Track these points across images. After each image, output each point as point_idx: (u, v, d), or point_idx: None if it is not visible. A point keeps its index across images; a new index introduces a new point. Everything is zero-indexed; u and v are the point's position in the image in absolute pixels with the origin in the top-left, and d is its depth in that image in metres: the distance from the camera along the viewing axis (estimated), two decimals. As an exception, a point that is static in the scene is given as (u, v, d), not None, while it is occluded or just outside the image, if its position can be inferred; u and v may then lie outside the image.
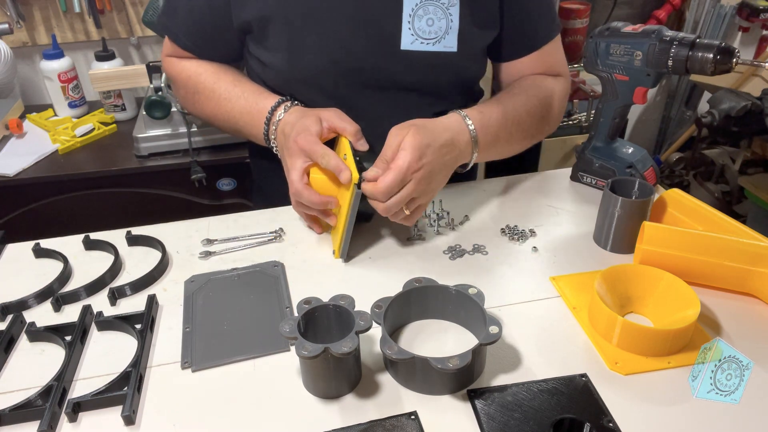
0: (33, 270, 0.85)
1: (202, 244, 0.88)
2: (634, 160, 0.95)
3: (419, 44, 0.88)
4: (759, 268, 0.72)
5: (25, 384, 0.66)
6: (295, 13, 0.86)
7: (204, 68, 0.97)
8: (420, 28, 0.87)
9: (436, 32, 0.87)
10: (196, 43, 0.96)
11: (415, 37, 0.87)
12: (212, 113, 0.97)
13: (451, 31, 0.88)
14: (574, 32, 2.06)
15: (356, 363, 0.64)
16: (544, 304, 0.76)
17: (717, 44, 0.79)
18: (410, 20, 0.86)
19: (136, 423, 0.61)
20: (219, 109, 0.95)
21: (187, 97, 1.01)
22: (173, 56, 1.00)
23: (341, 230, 0.81)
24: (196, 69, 0.97)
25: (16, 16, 1.68)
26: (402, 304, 0.70)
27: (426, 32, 0.87)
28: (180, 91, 1.02)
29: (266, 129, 0.90)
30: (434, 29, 0.87)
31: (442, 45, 0.88)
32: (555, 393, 0.63)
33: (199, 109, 0.99)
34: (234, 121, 0.94)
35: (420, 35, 0.87)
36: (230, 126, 0.96)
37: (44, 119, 1.67)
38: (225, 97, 0.94)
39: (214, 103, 0.95)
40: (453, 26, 0.88)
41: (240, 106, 0.92)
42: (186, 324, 0.73)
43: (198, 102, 0.98)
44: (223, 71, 0.97)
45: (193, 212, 1.55)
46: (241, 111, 0.92)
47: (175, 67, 1.00)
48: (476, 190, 1.00)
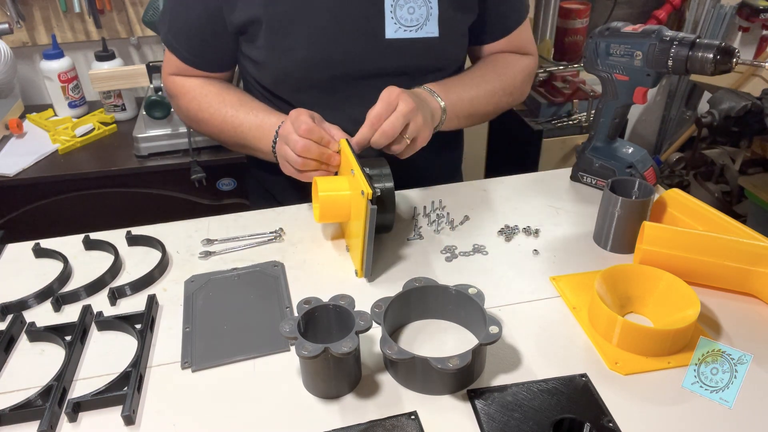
0: (33, 270, 0.85)
1: (202, 244, 0.88)
2: (634, 160, 0.95)
3: (402, 32, 0.92)
4: (759, 268, 0.72)
5: (25, 384, 0.66)
6: (281, 12, 0.89)
7: (208, 89, 0.99)
8: (402, 16, 0.91)
9: (418, 19, 0.92)
10: (196, 55, 0.98)
11: (398, 26, 0.92)
12: (218, 130, 0.99)
13: (432, 18, 0.92)
14: (574, 32, 2.06)
15: (356, 363, 0.64)
16: (544, 304, 0.76)
17: (717, 44, 0.79)
18: (392, 10, 0.91)
19: (136, 423, 0.61)
20: (225, 126, 0.97)
21: (190, 116, 1.02)
22: (176, 75, 1.02)
23: (361, 248, 0.77)
24: (200, 89, 0.99)
25: (16, 16, 1.68)
26: (402, 304, 0.70)
27: (408, 20, 0.91)
28: (183, 110, 1.03)
29: (275, 141, 0.91)
30: (415, 17, 0.91)
31: (424, 31, 0.93)
32: (555, 393, 0.63)
33: (204, 126, 1.01)
34: (242, 136, 0.96)
35: (402, 23, 0.91)
36: (236, 141, 0.98)
37: (44, 119, 1.67)
38: (232, 114, 0.96)
39: (219, 119, 0.97)
40: (433, 13, 0.92)
41: (249, 121, 0.95)
42: (186, 324, 0.73)
43: (203, 120, 1.00)
44: (226, 91, 0.99)
45: (193, 212, 1.55)
46: (250, 126, 0.94)
47: (177, 85, 1.02)
48: (476, 190, 1.00)
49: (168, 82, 1.04)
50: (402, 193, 0.99)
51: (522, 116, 2.02)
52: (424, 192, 1.00)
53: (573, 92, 1.95)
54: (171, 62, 1.01)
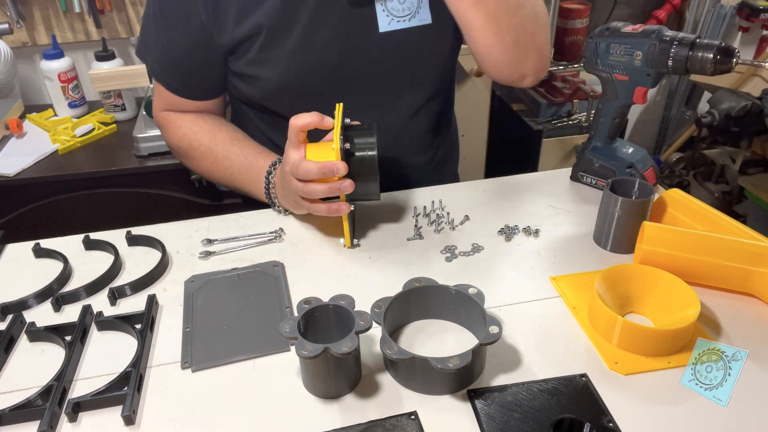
0: (33, 270, 0.85)
1: (202, 244, 0.88)
2: (634, 160, 0.95)
3: (396, 23, 0.91)
4: (759, 268, 0.72)
5: (25, 384, 0.66)
6: (276, 23, 0.87)
7: (199, 126, 0.98)
8: (393, 7, 0.90)
9: (410, 8, 0.90)
10: (183, 83, 0.96)
11: (391, 18, 0.90)
12: (208, 170, 0.98)
13: (423, 4, 0.91)
14: (574, 32, 2.06)
15: (356, 363, 0.64)
16: (544, 304, 0.76)
17: (717, 44, 0.79)
18: (383, 2, 0.89)
19: (136, 423, 0.61)
20: (216, 166, 0.97)
21: (181, 152, 1.01)
22: (168, 111, 1.00)
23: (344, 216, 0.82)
24: (191, 127, 0.98)
25: (16, 16, 1.68)
26: (402, 304, 0.70)
27: (399, 10, 0.90)
28: (174, 147, 1.02)
29: (267, 183, 0.91)
30: (406, 6, 0.90)
31: (417, 19, 0.92)
32: (555, 393, 0.63)
33: (194, 165, 1.00)
34: (233, 178, 0.96)
35: (395, 14, 0.90)
36: (228, 182, 0.98)
37: (44, 119, 1.67)
38: (222, 155, 0.95)
39: (210, 161, 0.97)
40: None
41: (239, 163, 0.94)
42: (186, 324, 0.73)
43: (194, 158, 0.99)
44: (218, 129, 0.98)
45: (193, 212, 1.55)
46: (240, 168, 0.94)
47: (169, 121, 1.00)
48: (476, 190, 1.00)
49: (159, 118, 1.02)
50: (402, 193, 0.99)
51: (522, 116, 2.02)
52: (424, 192, 1.00)
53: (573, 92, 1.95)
54: (162, 97, 0.99)
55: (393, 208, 0.95)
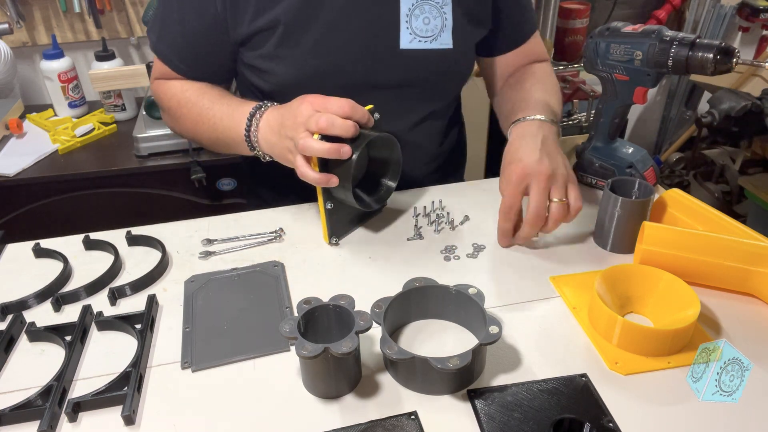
0: (33, 270, 0.85)
1: (202, 244, 0.88)
2: (634, 160, 0.95)
3: (417, 42, 0.91)
4: (759, 268, 0.72)
5: (25, 384, 0.66)
6: (295, 20, 0.86)
7: (189, 85, 0.96)
8: (417, 27, 0.90)
9: (433, 30, 0.91)
10: (189, 66, 0.95)
11: (413, 36, 0.90)
12: (193, 124, 0.95)
13: (446, 29, 0.92)
14: (574, 32, 2.07)
15: (356, 363, 0.64)
16: (544, 304, 0.76)
17: (717, 44, 0.79)
18: (407, 20, 0.90)
19: (136, 423, 0.61)
20: (201, 119, 0.93)
21: (170, 113, 0.99)
22: (162, 78, 0.99)
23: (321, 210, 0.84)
24: (181, 86, 0.96)
25: (16, 16, 1.68)
26: (402, 304, 0.70)
27: (423, 31, 0.90)
28: (165, 110, 1.01)
29: (248, 125, 0.86)
30: (430, 27, 0.91)
31: (438, 42, 0.92)
32: (555, 393, 0.63)
33: (182, 123, 0.97)
34: (215, 128, 0.92)
35: (418, 34, 0.90)
36: (210, 136, 0.94)
37: (44, 119, 1.67)
38: (207, 107, 0.92)
39: (195, 113, 0.94)
40: (447, 24, 0.92)
41: (222, 112, 0.91)
42: (186, 324, 0.73)
43: (182, 116, 0.96)
44: (209, 87, 0.96)
45: (193, 212, 1.55)
46: (222, 116, 0.90)
47: (161, 87, 0.99)
48: (476, 190, 1.00)
49: (154, 86, 1.01)
50: (402, 193, 0.99)
51: (522, 116, 2.01)
52: (424, 192, 1.00)
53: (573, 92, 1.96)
54: (158, 68, 0.98)
55: (393, 208, 0.96)
